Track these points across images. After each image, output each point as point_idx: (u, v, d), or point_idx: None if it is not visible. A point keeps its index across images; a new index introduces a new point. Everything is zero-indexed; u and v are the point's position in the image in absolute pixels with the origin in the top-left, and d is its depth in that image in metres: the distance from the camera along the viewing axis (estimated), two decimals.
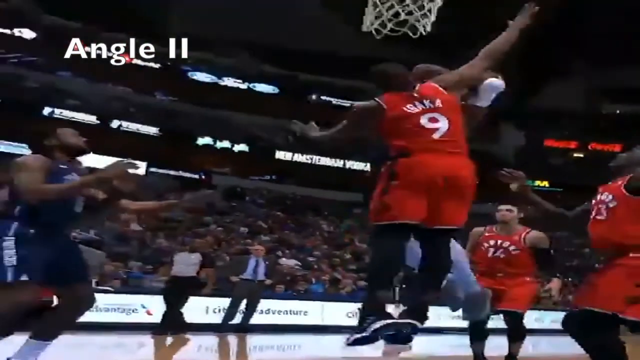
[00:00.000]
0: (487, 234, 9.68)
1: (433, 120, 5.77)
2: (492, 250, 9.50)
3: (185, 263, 17.37)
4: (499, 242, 9.49)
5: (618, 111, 54.25)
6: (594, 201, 6.41)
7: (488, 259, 9.44)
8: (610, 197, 6.20)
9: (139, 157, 28.15)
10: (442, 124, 5.76)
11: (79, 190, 6.75)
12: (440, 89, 6.02)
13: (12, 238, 6.39)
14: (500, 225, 9.61)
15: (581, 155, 53.52)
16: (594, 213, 6.35)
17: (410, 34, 7.46)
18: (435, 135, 5.72)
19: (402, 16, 7.36)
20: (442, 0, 7.30)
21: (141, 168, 36.50)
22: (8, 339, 6.70)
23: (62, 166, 6.74)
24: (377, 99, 5.93)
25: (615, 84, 52.12)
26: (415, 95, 5.90)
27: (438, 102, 5.87)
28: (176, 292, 16.99)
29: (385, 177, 5.75)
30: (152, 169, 42.50)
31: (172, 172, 43.92)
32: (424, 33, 7.41)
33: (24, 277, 6.29)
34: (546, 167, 46.43)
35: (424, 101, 5.86)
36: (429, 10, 7.34)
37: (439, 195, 5.70)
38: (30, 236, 6.43)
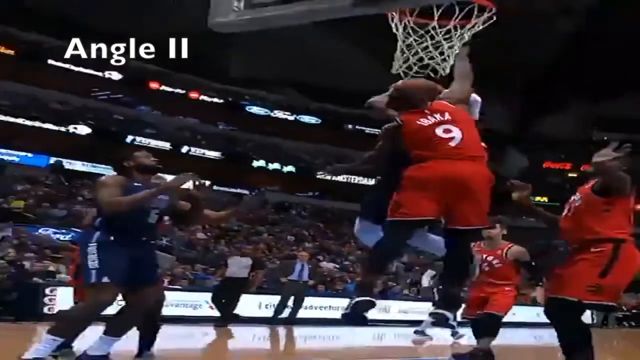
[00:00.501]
0: (475, 249, 9.49)
1: (447, 131, 5.71)
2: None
3: (238, 266, 17.45)
4: (485, 256, 9.34)
5: (605, 138, 53.83)
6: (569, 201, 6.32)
7: None
8: (579, 196, 6.11)
9: (204, 177, 27.93)
10: (456, 133, 5.70)
11: (148, 200, 6.67)
12: (449, 104, 5.98)
13: (95, 244, 6.41)
14: (486, 241, 9.44)
15: (575, 175, 53.16)
16: (565, 211, 6.27)
17: (432, 75, 7.37)
18: (452, 144, 5.66)
19: (426, 60, 7.26)
20: (458, 48, 7.18)
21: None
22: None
23: (136, 184, 6.70)
24: (397, 118, 5.96)
25: (603, 115, 51.88)
26: (427, 111, 5.85)
27: (447, 115, 5.82)
28: (230, 291, 17.06)
29: (401, 181, 5.69)
30: (215, 187, 42.69)
31: (232, 190, 43.98)
32: (443, 74, 7.31)
33: (105, 279, 6.27)
34: (545, 185, 46.02)
35: (435, 115, 5.80)
36: (448, 56, 7.25)
37: (453, 197, 5.62)
38: (110, 243, 6.43)
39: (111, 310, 6.65)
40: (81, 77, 43.47)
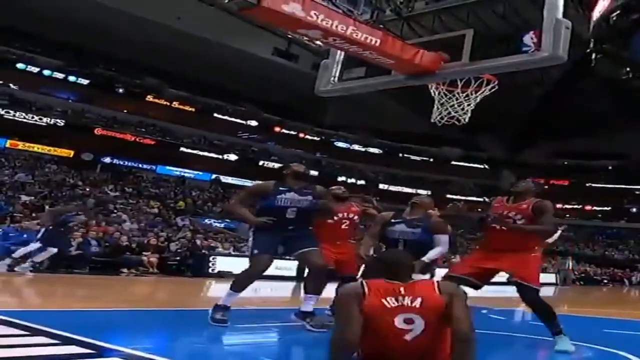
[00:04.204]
0: None
1: (409, 321, 3.35)
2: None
3: None
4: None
5: (565, 162, 52.69)
6: (496, 213, 5.56)
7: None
8: (519, 216, 5.42)
9: None
10: (417, 326, 3.35)
11: (241, 218, 6.26)
12: (436, 289, 3.45)
13: (252, 230, 6.01)
14: None
15: (546, 187, 51.96)
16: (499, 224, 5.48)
17: (457, 122, 7.24)
18: (408, 337, 3.35)
19: (452, 113, 7.15)
20: (475, 105, 7.06)
21: None
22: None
23: (281, 188, 6.03)
24: (363, 283, 3.50)
25: (563, 149, 50.80)
26: (402, 290, 3.41)
27: (418, 302, 3.37)
28: None
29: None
30: None
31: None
32: (464, 122, 7.17)
33: (255, 252, 5.87)
34: None
35: (406, 297, 3.38)
36: (467, 111, 7.13)
37: None
38: (261, 229, 5.89)
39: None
40: (233, 124, 44.25)
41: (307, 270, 6.35)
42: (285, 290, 12.96)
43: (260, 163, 43.20)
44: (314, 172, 45.83)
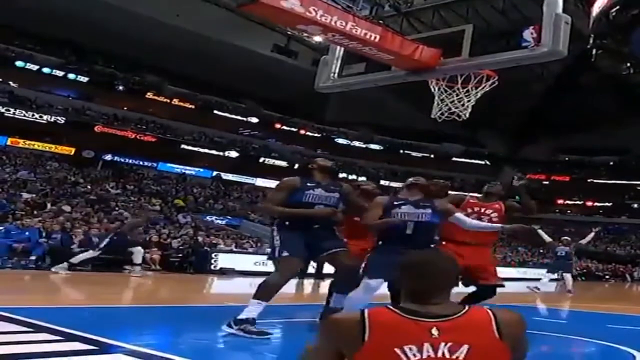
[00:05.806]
0: None
1: None
2: None
3: None
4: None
5: (567, 158, 52.71)
6: (473, 210, 5.78)
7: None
8: (495, 214, 5.73)
9: None
10: None
11: (284, 214, 5.49)
12: (494, 329, 1.85)
13: (275, 227, 5.50)
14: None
15: (547, 183, 51.94)
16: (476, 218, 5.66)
17: (457, 118, 7.25)
18: None
19: (453, 109, 7.17)
20: (475, 101, 7.07)
21: None
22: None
23: (309, 184, 5.57)
24: (365, 315, 1.85)
25: (564, 145, 50.77)
26: (434, 332, 1.81)
27: (462, 352, 1.79)
28: None
29: None
30: None
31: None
32: (465, 118, 7.19)
33: (285, 253, 5.34)
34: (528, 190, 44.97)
35: (441, 345, 1.79)
36: (467, 107, 7.15)
37: None
38: (285, 227, 5.45)
39: None
40: (234, 121, 44.20)
41: (334, 271, 5.89)
42: (289, 287, 12.95)
43: (261, 160, 43.19)
44: None
